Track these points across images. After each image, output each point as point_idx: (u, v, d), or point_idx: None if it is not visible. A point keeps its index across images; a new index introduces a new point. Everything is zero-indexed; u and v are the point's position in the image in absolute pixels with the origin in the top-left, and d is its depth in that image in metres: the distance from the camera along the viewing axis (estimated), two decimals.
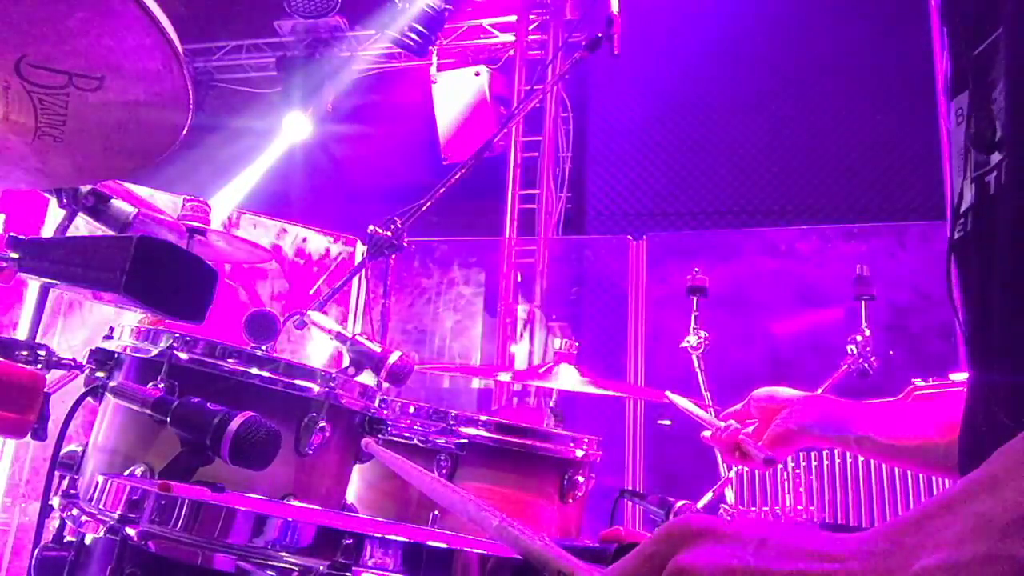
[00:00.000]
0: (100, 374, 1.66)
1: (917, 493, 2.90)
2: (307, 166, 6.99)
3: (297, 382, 1.65)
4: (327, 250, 5.41)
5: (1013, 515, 0.49)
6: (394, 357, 1.89)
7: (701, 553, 0.54)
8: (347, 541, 0.80)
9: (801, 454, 3.08)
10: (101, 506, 0.97)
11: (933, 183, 5.05)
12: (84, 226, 1.89)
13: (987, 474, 0.52)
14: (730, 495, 3.04)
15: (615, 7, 2.67)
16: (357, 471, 1.87)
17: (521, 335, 5.91)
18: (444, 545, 0.90)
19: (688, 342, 3.29)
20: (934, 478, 2.79)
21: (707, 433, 1.53)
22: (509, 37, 6.77)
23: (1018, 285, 0.76)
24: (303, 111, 6.92)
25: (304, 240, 5.34)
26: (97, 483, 1.02)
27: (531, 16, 6.74)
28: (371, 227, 2.40)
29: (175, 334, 1.63)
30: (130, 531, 0.89)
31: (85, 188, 1.72)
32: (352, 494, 1.91)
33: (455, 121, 6.44)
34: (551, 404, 2.72)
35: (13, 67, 0.84)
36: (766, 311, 4.90)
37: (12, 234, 1.39)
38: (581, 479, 2.03)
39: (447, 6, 6.27)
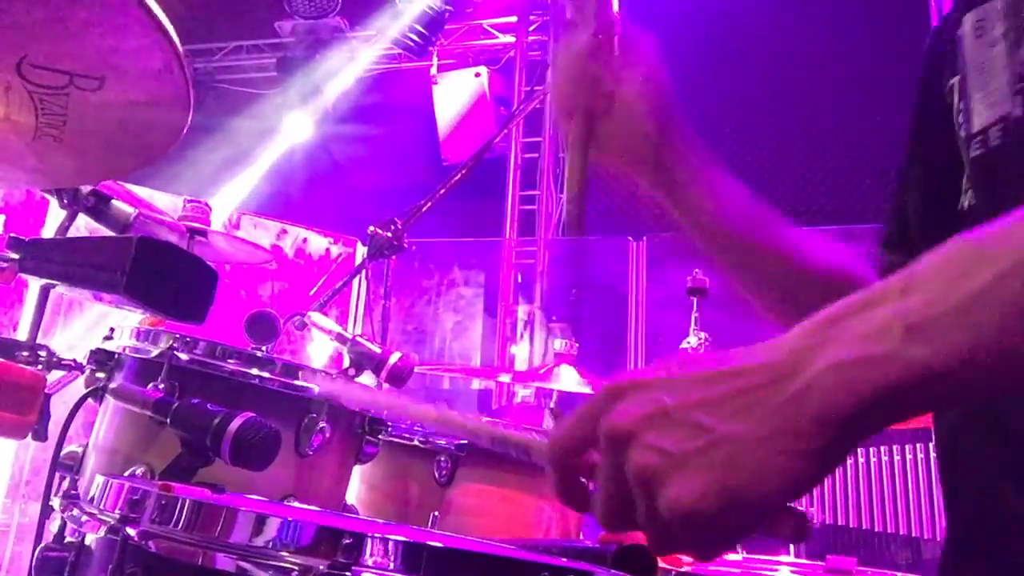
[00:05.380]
0: (100, 375, 1.66)
1: (917, 493, 2.90)
2: (307, 167, 7.00)
3: (297, 383, 1.65)
4: (327, 251, 5.41)
5: (918, 317, 0.49)
6: (394, 358, 1.89)
7: (625, 407, 0.56)
8: (347, 540, 0.80)
9: None
10: (101, 506, 0.97)
11: None
12: (84, 226, 1.89)
13: (903, 277, 0.52)
14: None
15: (615, 8, 2.66)
16: (357, 472, 1.87)
17: (521, 336, 5.91)
18: (444, 545, 0.90)
19: (688, 343, 3.28)
20: (935, 474, 2.78)
21: None
22: (509, 38, 6.77)
23: None
24: (303, 112, 6.92)
25: (304, 241, 5.34)
26: (97, 483, 1.02)
27: (531, 17, 6.74)
28: (371, 228, 2.40)
29: (175, 335, 1.63)
30: (130, 531, 0.89)
31: (86, 188, 1.72)
32: (352, 495, 1.92)
33: (455, 122, 6.44)
34: (551, 405, 2.72)
35: (14, 67, 0.84)
36: None
37: (12, 234, 1.40)
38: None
39: (447, 7, 6.28)
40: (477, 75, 6.43)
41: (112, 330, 1.73)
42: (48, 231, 4.09)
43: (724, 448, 0.52)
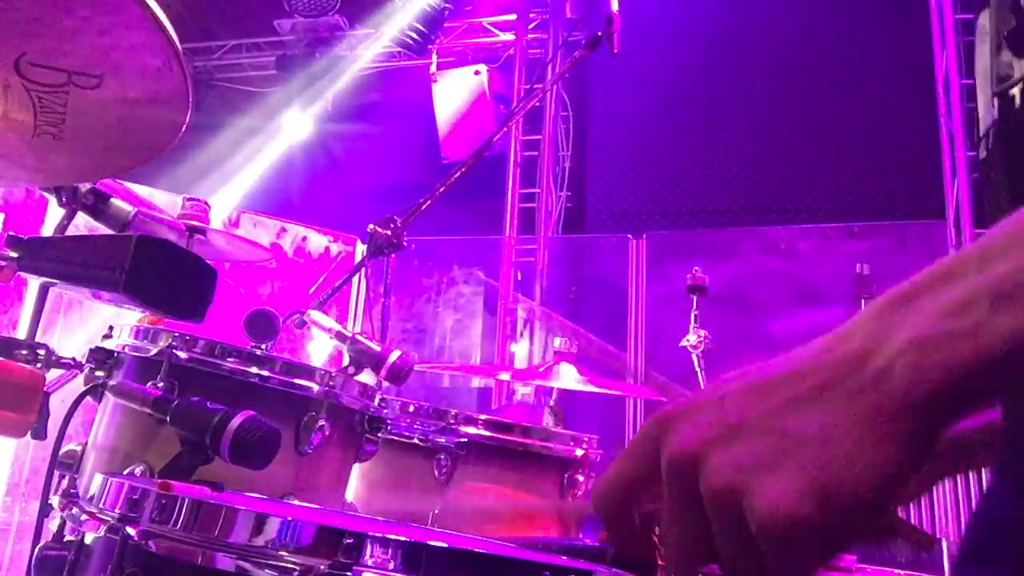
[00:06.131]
0: (100, 373, 1.65)
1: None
2: (307, 165, 6.99)
3: (297, 381, 1.65)
4: (327, 249, 5.41)
5: (1006, 286, 0.46)
6: (394, 356, 1.89)
7: (685, 431, 0.53)
8: (348, 540, 0.80)
9: None
10: (101, 505, 0.97)
11: (933, 183, 5.05)
12: (84, 225, 1.89)
13: (977, 249, 0.49)
14: None
15: (615, 6, 2.66)
16: (357, 470, 1.87)
17: (521, 334, 5.91)
18: (444, 544, 0.89)
19: (688, 341, 3.29)
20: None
21: None
22: (509, 36, 6.77)
23: None
24: (303, 110, 6.92)
25: (304, 239, 5.34)
26: (97, 482, 1.02)
27: (531, 15, 6.73)
28: (371, 226, 2.39)
29: (174, 333, 1.63)
30: (130, 530, 0.89)
31: (84, 187, 1.72)
32: (352, 493, 1.91)
33: (455, 120, 6.43)
34: (551, 403, 2.72)
35: (13, 65, 0.84)
36: (766, 310, 4.90)
37: (11, 233, 1.39)
38: (581, 478, 2.03)
39: (447, 5, 6.27)
40: (477, 73, 6.42)
41: (111, 328, 1.73)
42: (47, 229, 4.08)
43: (809, 448, 0.48)
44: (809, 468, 0.48)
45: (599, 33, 2.65)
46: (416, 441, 1.95)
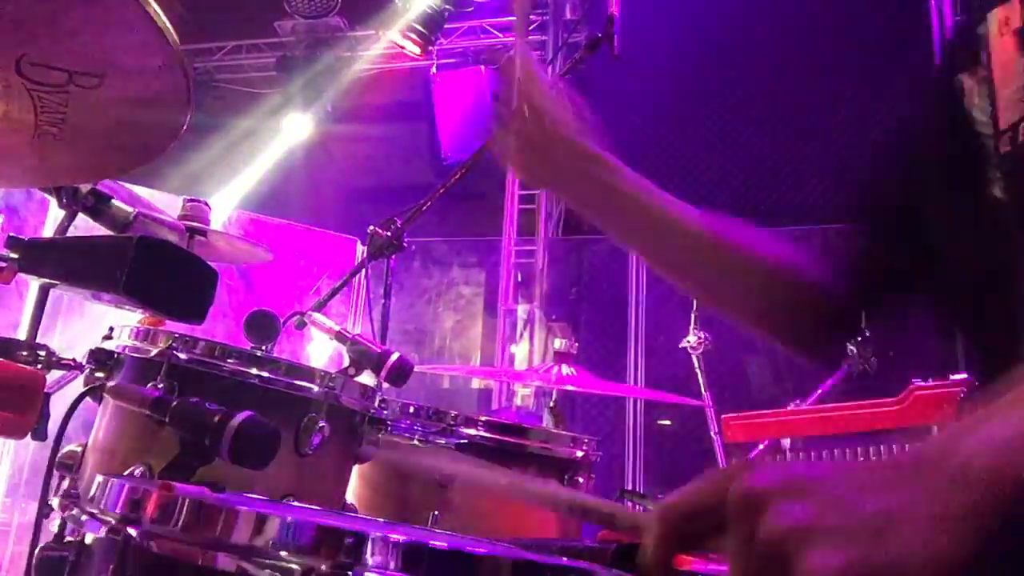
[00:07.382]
0: (99, 374, 1.65)
1: None
2: (307, 166, 6.99)
3: (297, 382, 1.65)
4: (327, 250, 5.41)
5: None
6: (394, 357, 1.89)
7: (761, 473, 0.54)
8: (348, 540, 0.80)
9: (800, 453, 3.08)
10: (102, 506, 0.97)
11: None
12: (84, 226, 1.89)
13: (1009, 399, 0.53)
14: None
15: (615, 7, 2.66)
16: (357, 471, 1.87)
17: (521, 335, 5.91)
18: (445, 545, 0.89)
19: (688, 342, 3.29)
20: None
21: None
22: (509, 37, 6.77)
23: None
24: (303, 111, 6.92)
25: (304, 240, 5.34)
26: (97, 483, 1.01)
27: (531, 16, 6.73)
28: (371, 227, 2.39)
29: (174, 334, 1.63)
30: (131, 531, 0.89)
31: (85, 188, 1.72)
32: (352, 494, 1.91)
33: (455, 121, 6.44)
34: (551, 404, 2.72)
35: (13, 65, 0.84)
36: None
37: (12, 234, 1.39)
38: (581, 480, 2.03)
39: (447, 6, 6.27)
40: (477, 74, 6.42)
41: (111, 329, 1.73)
42: (48, 231, 4.08)
43: (869, 524, 0.49)
44: (863, 542, 0.49)
45: (599, 35, 2.65)
46: (416, 442, 1.95)
